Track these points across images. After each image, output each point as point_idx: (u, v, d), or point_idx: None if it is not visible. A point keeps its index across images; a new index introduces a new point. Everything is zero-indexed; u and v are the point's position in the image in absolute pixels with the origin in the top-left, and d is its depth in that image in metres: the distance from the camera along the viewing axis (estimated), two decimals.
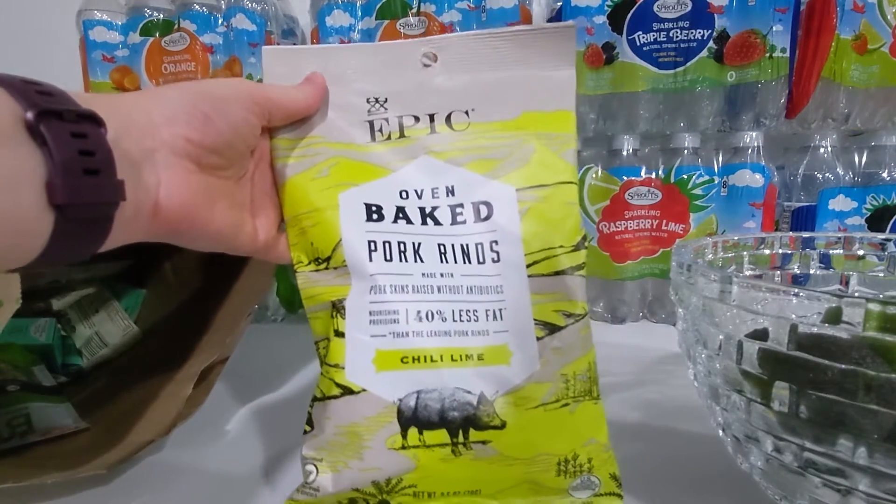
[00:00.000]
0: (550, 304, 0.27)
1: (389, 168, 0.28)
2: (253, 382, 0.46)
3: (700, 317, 0.26)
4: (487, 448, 0.26)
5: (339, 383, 0.26)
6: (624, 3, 0.57)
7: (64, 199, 0.17)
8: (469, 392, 0.26)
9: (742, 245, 0.35)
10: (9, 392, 0.39)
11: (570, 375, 0.27)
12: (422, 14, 0.60)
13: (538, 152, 0.28)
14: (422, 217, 0.28)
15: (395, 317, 0.26)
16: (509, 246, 0.27)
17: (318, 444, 0.26)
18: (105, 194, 0.19)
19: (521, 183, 0.28)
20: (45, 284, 0.47)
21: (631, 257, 0.61)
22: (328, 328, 0.27)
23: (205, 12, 0.63)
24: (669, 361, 0.50)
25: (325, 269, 0.27)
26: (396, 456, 0.26)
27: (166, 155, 0.22)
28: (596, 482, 0.27)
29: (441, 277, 0.27)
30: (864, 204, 0.56)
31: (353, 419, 0.26)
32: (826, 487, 0.22)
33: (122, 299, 0.50)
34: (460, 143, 0.28)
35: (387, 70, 0.28)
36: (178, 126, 0.22)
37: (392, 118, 0.29)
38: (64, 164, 0.17)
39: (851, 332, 0.19)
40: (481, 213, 0.28)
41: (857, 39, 0.55)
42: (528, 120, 0.29)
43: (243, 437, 0.38)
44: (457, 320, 0.27)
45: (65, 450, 0.34)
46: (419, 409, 0.26)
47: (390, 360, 0.26)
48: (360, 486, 0.26)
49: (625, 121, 0.61)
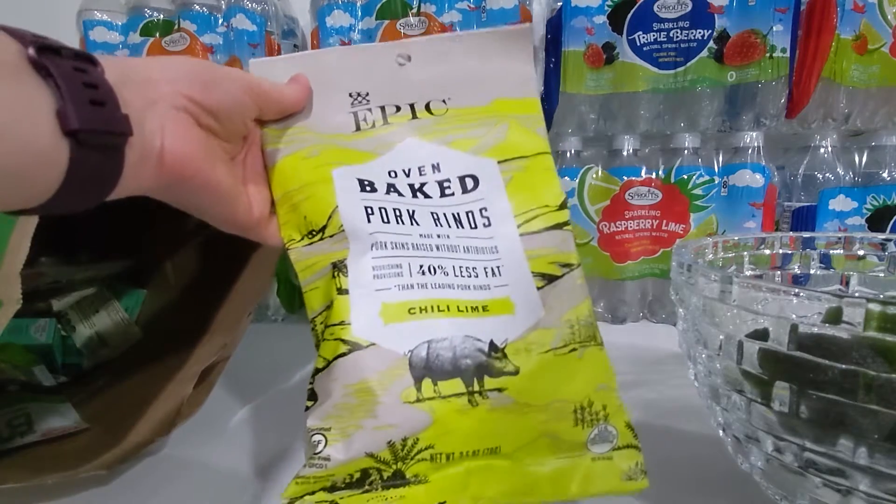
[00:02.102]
0: (545, 256, 0.28)
1: (376, 153, 0.30)
2: (253, 382, 0.46)
3: (700, 317, 0.26)
4: (503, 396, 0.26)
5: (346, 339, 0.25)
6: (624, 3, 0.57)
7: (76, 124, 0.18)
8: (479, 340, 0.26)
9: (742, 245, 0.35)
10: (9, 392, 0.39)
11: (574, 321, 0.27)
12: (422, 14, 0.60)
13: (513, 129, 0.30)
14: (412, 192, 0.29)
15: (399, 270, 0.27)
16: (498, 209, 0.29)
17: (324, 412, 0.25)
18: (113, 124, 0.20)
19: (502, 156, 0.30)
20: (46, 285, 0.47)
21: (631, 257, 0.61)
22: (329, 291, 0.26)
23: (205, 12, 0.63)
24: (669, 361, 0.50)
25: (320, 239, 0.27)
26: (412, 410, 0.25)
27: (166, 107, 0.22)
28: (613, 433, 0.27)
29: (438, 238, 0.28)
30: (864, 204, 0.56)
31: (363, 375, 0.25)
32: (826, 487, 0.22)
33: (122, 299, 0.50)
34: (441, 126, 0.30)
35: (366, 68, 0.30)
36: (178, 84, 0.23)
37: (375, 108, 0.30)
38: (71, 94, 0.18)
39: (852, 332, 0.19)
40: (467, 185, 0.29)
41: (858, 39, 0.55)
42: (499, 105, 0.31)
43: (244, 437, 0.38)
44: (458, 275, 0.27)
45: (65, 450, 0.34)
46: (431, 358, 0.25)
47: (397, 312, 0.26)
48: (374, 449, 0.25)
49: (625, 121, 0.61)
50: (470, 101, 0.31)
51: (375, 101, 0.30)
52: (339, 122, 0.30)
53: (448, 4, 0.59)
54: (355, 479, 0.25)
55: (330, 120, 0.30)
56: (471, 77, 0.30)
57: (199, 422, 0.36)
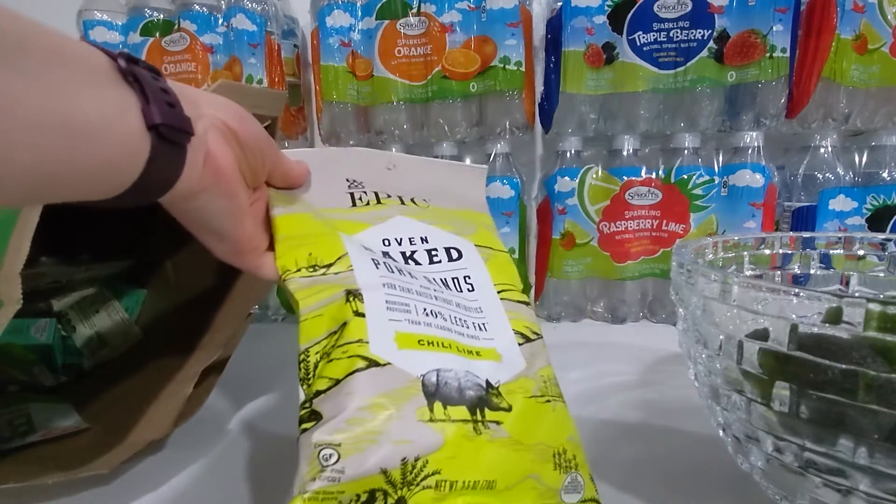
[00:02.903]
0: (521, 321, 0.31)
1: (371, 223, 0.33)
2: (253, 382, 0.47)
3: (700, 317, 0.26)
4: (500, 429, 0.27)
5: (365, 356, 0.26)
6: (624, 3, 0.57)
7: (158, 119, 0.21)
8: (477, 376, 0.27)
9: (742, 245, 0.35)
10: (9, 392, 0.39)
11: (546, 377, 0.30)
12: (422, 14, 0.60)
13: (481, 230, 0.36)
14: (404, 259, 0.32)
15: (407, 308, 0.28)
16: (481, 278, 0.33)
17: (333, 428, 0.24)
18: (183, 122, 0.23)
19: (477, 242, 0.35)
20: (46, 285, 0.47)
21: (631, 257, 0.61)
22: (341, 315, 0.27)
23: (205, 12, 0.63)
24: (669, 361, 0.50)
25: (324, 274, 0.28)
26: (426, 428, 0.25)
27: (207, 123, 0.26)
28: (581, 483, 0.28)
29: (434, 291, 0.31)
30: (864, 204, 0.56)
31: (380, 390, 0.25)
32: (826, 487, 0.22)
33: (123, 299, 0.50)
34: (425, 214, 0.35)
35: (360, 164, 0.35)
36: (217, 111, 0.26)
37: (369, 192, 0.35)
38: (153, 95, 0.22)
39: (852, 332, 0.19)
40: (453, 255, 0.34)
41: (858, 39, 0.55)
42: (465, 213, 0.37)
43: (244, 437, 0.38)
44: (454, 323, 0.29)
45: (65, 450, 0.34)
46: (440, 384, 0.26)
47: (409, 341, 0.27)
48: (388, 465, 0.24)
49: (625, 121, 0.61)
50: (444, 204, 0.37)
51: (369, 188, 0.35)
52: (337, 199, 0.34)
53: (448, 4, 0.59)
54: (362, 501, 0.24)
55: (330, 197, 0.34)
56: (442, 189, 0.37)
57: (199, 422, 0.36)
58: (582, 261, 0.63)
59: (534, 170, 0.74)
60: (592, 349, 0.54)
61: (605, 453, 0.35)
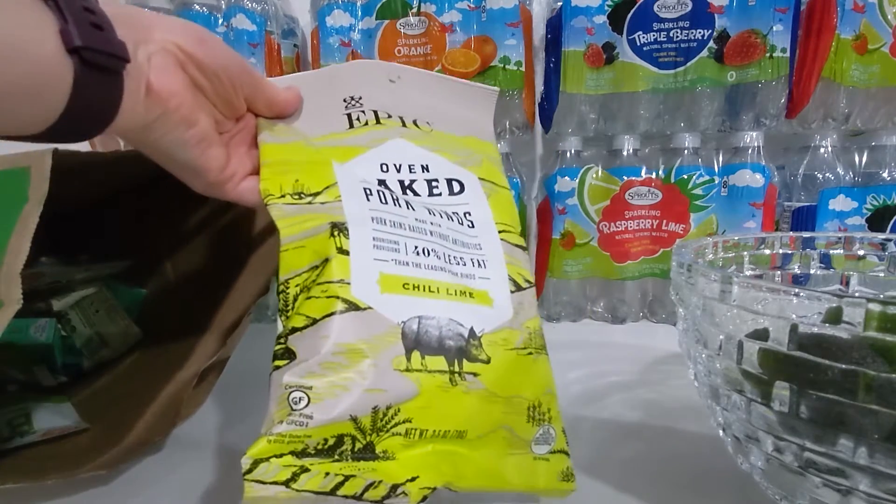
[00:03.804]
0: (516, 266, 0.30)
1: (368, 146, 0.31)
2: (253, 382, 0.46)
3: (700, 317, 0.26)
4: (477, 381, 0.26)
5: (345, 298, 0.25)
6: (624, 3, 0.57)
7: (79, 41, 0.19)
8: (461, 325, 0.27)
9: (742, 245, 0.35)
10: (9, 392, 0.39)
11: (532, 329, 0.29)
12: (422, 14, 0.60)
13: (485, 162, 0.34)
14: (402, 189, 0.31)
15: (396, 246, 0.27)
16: (482, 215, 0.31)
17: (306, 370, 0.24)
18: (113, 46, 0.21)
19: (480, 175, 0.33)
20: (46, 285, 0.47)
21: (631, 257, 0.61)
22: (324, 250, 0.26)
23: (205, 12, 0.63)
24: (669, 361, 0.50)
25: (310, 202, 0.27)
26: (401, 378, 0.25)
27: (156, 48, 0.24)
28: (553, 435, 0.29)
29: (431, 225, 0.29)
30: (864, 204, 0.56)
31: (360, 335, 0.25)
32: (826, 487, 0.22)
33: (122, 299, 0.50)
34: (427, 139, 0.33)
35: (359, 79, 0.33)
36: (172, 34, 0.24)
37: (368, 111, 0.32)
38: (73, 15, 0.19)
39: (852, 332, 0.19)
40: (454, 188, 0.32)
41: (858, 39, 0.55)
42: (471, 141, 0.34)
43: (243, 437, 0.38)
44: (447, 262, 0.28)
45: (65, 450, 0.34)
46: (421, 333, 0.26)
47: (393, 284, 0.26)
48: (358, 413, 0.24)
49: (625, 121, 0.61)
50: (449, 129, 0.34)
51: (368, 105, 0.32)
52: (333, 122, 0.31)
53: (448, 4, 0.59)
54: (329, 445, 0.24)
55: (325, 122, 0.31)
56: (448, 111, 0.34)
57: (198, 421, 0.36)
58: (582, 261, 0.63)
59: (534, 170, 0.74)
60: (592, 349, 0.54)
61: (605, 453, 0.35)
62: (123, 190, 0.49)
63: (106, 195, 0.50)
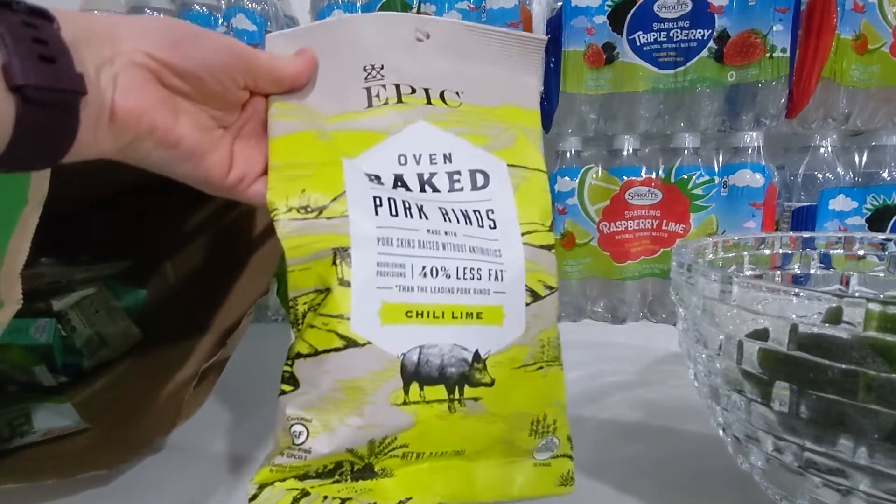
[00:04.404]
0: (537, 273, 0.28)
1: (387, 132, 0.29)
2: (253, 382, 0.46)
3: (700, 317, 0.26)
4: (477, 405, 0.27)
5: (343, 334, 0.25)
6: (624, 3, 0.57)
7: (21, 80, 0.18)
8: (465, 349, 0.26)
9: (742, 245, 0.35)
10: (9, 392, 0.39)
11: (546, 341, 0.28)
12: (422, 14, 0.60)
13: (520, 140, 0.30)
14: (420, 184, 0.29)
15: (402, 270, 0.26)
16: (505, 214, 0.29)
17: (307, 403, 0.25)
18: (64, 81, 0.19)
19: (510, 160, 0.30)
20: (46, 285, 0.47)
21: (631, 257, 0.61)
22: (326, 277, 0.26)
23: (205, 12, 0.63)
24: (669, 361, 0.50)
25: (316, 217, 0.26)
26: (397, 412, 0.25)
27: (124, 63, 0.22)
28: (556, 443, 0.29)
29: (445, 235, 0.27)
30: (864, 204, 0.56)
31: (356, 373, 0.25)
32: (826, 487, 0.22)
33: (122, 299, 0.50)
34: (454, 116, 0.30)
35: (382, 40, 0.29)
36: (141, 41, 0.22)
37: (389, 85, 0.29)
38: (17, 49, 0.18)
39: (852, 332, 0.19)
40: (478, 181, 0.29)
41: (858, 39, 0.55)
42: (508, 111, 0.30)
43: (243, 437, 0.38)
44: (460, 277, 0.27)
45: (65, 450, 0.34)
46: (421, 364, 0.26)
47: (395, 314, 0.26)
48: (355, 445, 0.25)
49: (625, 121, 0.61)
50: (482, 99, 0.30)
51: (390, 77, 0.29)
52: (351, 98, 0.29)
53: (448, 4, 0.59)
54: (328, 469, 0.25)
55: (342, 96, 0.29)
56: (484, 75, 0.30)
57: (199, 422, 0.36)
58: (582, 261, 0.63)
59: None
60: (592, 349, 0.54)
61: (605, 453, 0.35)
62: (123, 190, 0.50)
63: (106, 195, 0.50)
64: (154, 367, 0.41)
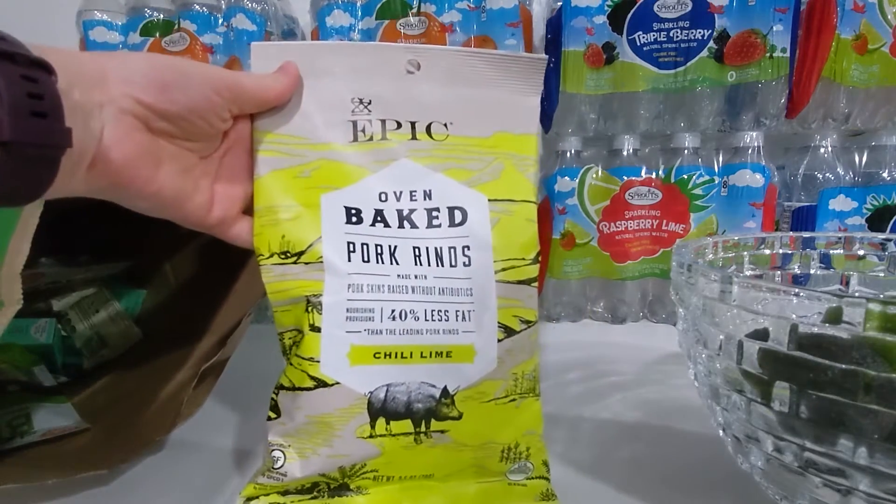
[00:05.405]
0: (511, 309, 0.29)
1: (369, 169, 0.29)
2: (253, 382, 0.46)
3: (700, 317, 0.26)
4: (445, 437, 0.28)
5: (313, 376, 0.27)
6: (624, 3, 0.57)
7: (10, 136, 0.18)
8: (433, 386, 0.28)
9: (742, 245, 0.35)
10: (9, 392, 0.39)
11: (520, 375, 0.29)
12: (422, 14, 0.60)
13: (507, 170, 0.30)
14: (399, 220, 0.29)
15: (371, 315, 0.28)
16: (480, 252, 0.29)
17: (286, 432, 0.28)
18: (52, 137, 0.19)
19: (493, 195, 0.30)
20: (46, 285, 0.47)
21: (631, 257, 0.61)
22: (301, 322, 0.28)
23: (205, 12, 0.63)
24: (669, 361, 0.50)
25: (295, 262, 0.28)
26: (364, 444, 0.27)
27: (112, 110, 0.22)
28: (530, 467, 0.30)
29: (415, 279, 0.29)
30: (864, 204, 0.56)
31: (325, 410, 0.27)
32: (826, 487, 0.22)
33: (123, 299, 0.50)
34: (439, 152, 0.30)
35: (372, 72, 0.29)
36: (130, 87, 0.23)
37: (375, 121, 0.29)
38: (11, 104, 0.18)
39: (852, 332, 0.19)
40: (456, 218, 0.29)
41: (858, 39, 0.55)
42: (499, 140, 0.30)
43: (243, 437, 0.38)
44: (429, 320, 0.28)
45: (65, 450, 0.34)
46: (388, 401, 0.28)
47: (363, 355, 0.28)
48: (326, 471, 0.28)
49: (625, 121, 0.61)
50: (472, 130, 0.30)
51: (377, 112, 0.29)
52: (336, 130, 0.29)
53: (448, 4, 0.59)
54: (306, 487, 0.28)
55: (327, 128, 0.29)
56: (477, 102, 0.30)
57: (199, 422, 0.36)
58: (582, 261, 0.63)
59: None
60: (592, 349, 0.54)
61: (605, 453, 0.35)
62: None
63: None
64: (154, 368, 0.41)
